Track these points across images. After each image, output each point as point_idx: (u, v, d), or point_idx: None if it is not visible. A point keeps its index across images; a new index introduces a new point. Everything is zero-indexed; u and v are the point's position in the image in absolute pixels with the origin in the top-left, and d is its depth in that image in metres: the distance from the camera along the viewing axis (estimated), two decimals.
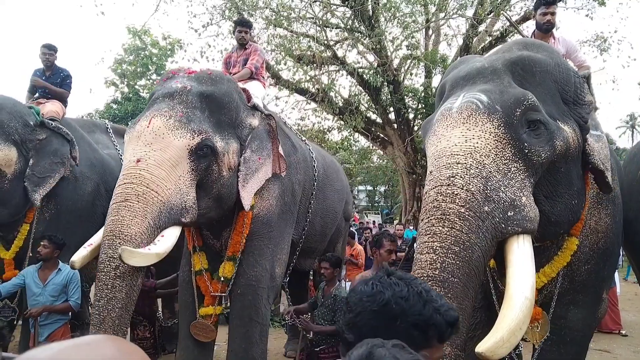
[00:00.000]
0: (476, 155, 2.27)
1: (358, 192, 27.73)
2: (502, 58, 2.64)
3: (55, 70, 5.40)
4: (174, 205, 3.22)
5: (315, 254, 5.31)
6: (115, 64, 20.91)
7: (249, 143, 3.76)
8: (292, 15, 11.81)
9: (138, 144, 3.28)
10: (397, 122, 13.30)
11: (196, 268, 3.97)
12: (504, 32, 11.65)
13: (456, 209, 2.16)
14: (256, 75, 4.74)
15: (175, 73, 3.82)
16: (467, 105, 2.41)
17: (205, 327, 3.86)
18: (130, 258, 2.91)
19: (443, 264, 2.08)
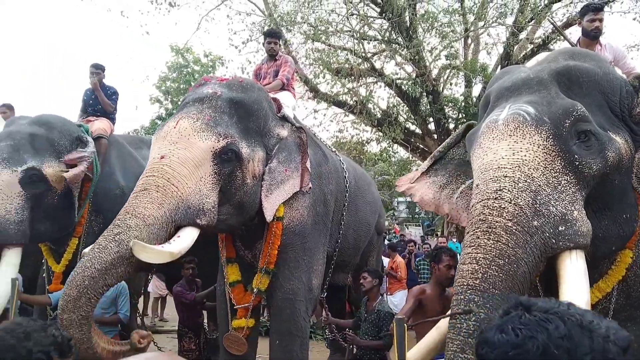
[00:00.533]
0: (524, 169, 2.22)
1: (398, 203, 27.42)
2: (547, 68, 2.58)
3: (102, 89, 5.63)
4: (192, 205, 3.19)
5: (349, 269, 5.25)
6: (159, 82, 21.62)
7: (275, 153, 3.74)
8: (329, 29, 11.92)
9: (164, 143, 3.32)
10: (437, 133, 13.13)
11: (229, 280, 3.96)
12: (546, 40, 11.37)
13: (503, 222, 2.12)
14: (287, 86, 4.76)
15: (208, 80, 3.88)
16: (514, 117, 2.36)
17: (237, 339, 3.84)
18: (142, 252, 2.85)
19: (485, 274, 2.04)
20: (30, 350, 1.21)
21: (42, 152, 4.31)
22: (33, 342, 1.23)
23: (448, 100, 12.92)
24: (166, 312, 8.73)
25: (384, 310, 4.07)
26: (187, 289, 4.97)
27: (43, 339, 1.24)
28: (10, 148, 4.20)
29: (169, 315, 8.53)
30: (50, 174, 4.28)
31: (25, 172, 4.14)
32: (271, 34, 5.14)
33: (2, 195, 4.05)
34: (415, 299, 3.59)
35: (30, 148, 4.27)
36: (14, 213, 4.07)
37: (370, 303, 4.20)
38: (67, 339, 1.30)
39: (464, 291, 2.06)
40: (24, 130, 4.39)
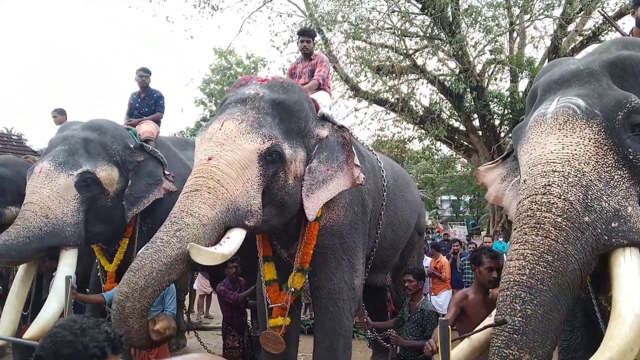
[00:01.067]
0: (574, 163, 2.15)
1: (441, 202, 27.02)
2: (599, 59, 2.47)
3: (149, 92, 5.82)
4: (240, 207, 3.21)
5: (387, 269, 5.19)
6: (203, 84, 22.15)
7: (316, 153, 3.72)
8: (370, 27, 11.86)
9: (210, 144, 3.34)
10: (481, 129, 12.86)
11: (266, 278, 3.98)
12: (597, 31, 10.91)
13: (552, 218, 2.05)
14: (323, 85, 4.72)
15: (248, 80, 3.89)
16: (563, 110, 2.28)
17: (275, 338, 3.83)
18: (198, 255, 2.89)
19: (532, 270, 1.99)
20: (86, 346, 1.27)
21: (96, 156, 4.47)
22: (89, 338, 1.28)
23: (493, 95, 12.61)
24: (211, 309, 8.91)
25: (427, 310, 4.01)
26: (230, 288, 5.06)
27: (98, 335, 1.29)
28: (65, 153, 4.38)
29: (213, 312, 8.71)
30: (103, 177, 4.44)
31: (80, 175, 4.30)
32: (304, 32, 5.10)
33: (60, 199, 4.22)
34: (457, 307, 3.53)
35: (84, 152, 4.44)
36: (70, 215, 4.24)
37: (414, 303, 4.14)
38: (118, 335, 1.35)
39: (510, 287, 2.02)
40: (78, 135, 4.56)
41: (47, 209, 4.15)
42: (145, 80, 5.79)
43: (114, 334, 1.33)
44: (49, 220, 4.13)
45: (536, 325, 1.92)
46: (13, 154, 11.54)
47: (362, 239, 4.21)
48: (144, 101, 5.79)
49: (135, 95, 5.85)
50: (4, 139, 14.05)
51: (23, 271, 4.45)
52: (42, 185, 4.22)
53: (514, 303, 1.97)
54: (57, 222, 4.16)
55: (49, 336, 1.28)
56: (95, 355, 1.27)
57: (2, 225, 4.95)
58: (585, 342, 2.70)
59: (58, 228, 4.16)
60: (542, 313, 1.93)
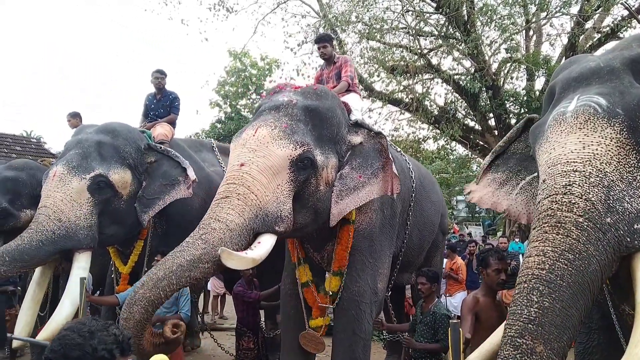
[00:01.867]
0: (596, 163, 2.10)
1: (457, 202, 26.78)
2: (620, 56, 2.40)
3: (165, 94, 5.85)
4: (270, 213, 3.25)
5: (412, 268, 5.19)
6: (218, 86, 22.26)
7: (348, 159, 3.74)
8: (384, 27, 11.81)
9: (243, 150, 3.39)
10: (497, 129, 12.71)
11: (302, 280, 4.02)
12: (615, 28, 10.71)
13: (573, 218, 2.01)
14: (352, 86, 4.71)
15: (282, 88, 3.93)
16: (584, 109, 2.22)
17: (315, 338, 3.89)
18: (228, 259, 2.93)
19: (552, 266, 1.95)
20: (95, 349, 1.28)
21: (109, 160, 4.51)
22: (97, 341, 1.29)
23: (509, 94, 12.47)
24: (225, 310, 8.95)
25: (440, 313, 3.97)
26: (247, 289, 5.08)
27: (106, 338, 1.30)
28: (79, 156, 4.43)
29: (228, 312, 8.75)
30: (116, 180, 4.48)
31: (93, 179, 4.35)
32: (319, 39, 5.09)
33: (73, 202, 4.28)
34: (472, 314, 3.50)
35: (97, 156, 4.48)
36: (84, 219, 4.30)
37: (426, 305, 4.11)
38: (127, 337, 1.35)
39: (528, 280, 1.97)
40: (92, 139, 4.61)
41: (60, 213, 4.20)
42: (161, 82, 5.82)
43: (122, 336, 1.34)
44: (62, 224, 4.18)
45: (553, 318, 1.88)
46: (32, 156, 11.76)
47: (390, 242, 4.25)
48: (160, 102, 5.82)
49: (151, 96, 5.89)
50: (23, 142, 14.30)
51: (39, 273, 4.52)
52: (55, 189, 4.27)
53: (530, 294, 1.93)
54: (70, 225, 4.21)
55: (57, 339, 1.30)
56: (103, 358, 1.27)
57: (19, 228, 5.05)
58: (602, 345, 2.65)
59: (71, 231, 4.21)
60: (560, 307, 1.89)
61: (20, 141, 14.10)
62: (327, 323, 3.94)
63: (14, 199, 5.19)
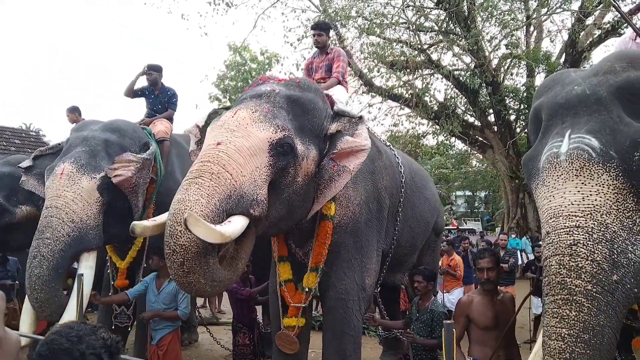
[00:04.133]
0: (597, 215, 2.11)
1: (456, 197, 26.82)
2: (605, 82, 2.35)
3: (162, 90, 5.80)
4: (245, 194, 3.10)
5: (405, 268, 5.14)
6: (218, 80, 22.18)
7: (327, 151, 3.63)
8: (384, 22, 11.77)
9: (220, 130, 3.27)
10: (497, 125, 12.73)
11: (281, 278, 3.94)
12: (616, 24, 10.68)
13: (583, 286, 2.04)
14: (341, 82, 4.64)
15: (265, 80, 3.89)
16: (577, 153, 2.21)
17: (289, 338, 3.82)
18: (195, 226, 2.73)
19: (572, 353, 2.00)
20: (83, 353, 1.27)
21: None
22: (85, 345, 1.28)
23: (509, 90, 12.46)
24: (223, 304, 8.97)
25: (437, 311, 3.98)
26: (241, 286, 5.09)
27: (94, 342, 1.30)
28: (87, 154, 4.38)
29: (225, 307, 8.76)
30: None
31: (103, 179, 4.31)
32: (315, 26, 5.00)
33: (84, 202, 4.23)
34: (463, 318, 3.55)
35: (105, 155, 4.45)
36: (93, 219, 4.27)
37: (423, 303, 4.11)
38: (115, 341, 1.35)
39: None
40: (99, 137, 4.57)
41: (73, 214, 4.16)
42: (155, 78, 5.74)
43: (110, 340, 1.33)
44: (75, 225, 4.14)
45: None
46: (31, 149, 11.75)
47: (378, 237, 4.16)
48: (157, 98, 5.79)
49: (148, 91, 5.83)
50: (22, 135, 14.28)
51: None
52: (65, 188, 4.21)
53: None
54: (82, 226, 4.17)
55: (45, 343, 1.29)
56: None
57: (14, 224, 5.05)
58: None
59: (83, 232, 4.18)
60: None
61: (19, 134, 14.08)
62: (301, 324, 3.85)
63: (10, 194, 5.18)
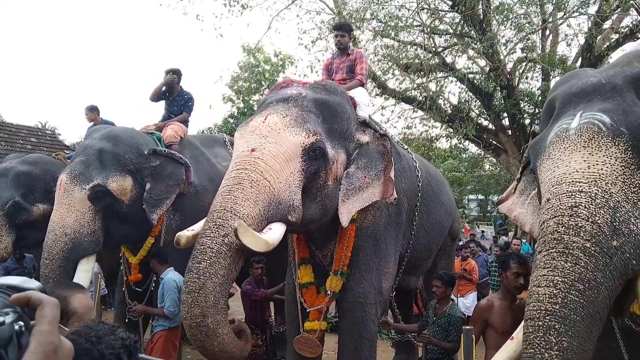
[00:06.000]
0: (601, 183, 2.07)
1: (469, 201, 26.64)
2: (621, 73, 2.36)
3: (179, 93, 5.91)
4: (283, 201, 3.13)
5: (420, 272, 5.13)
6: (231, 81, 22.30)
7: (355, 158, 3.66)
8: (399, 25, 11.74)
9: (252, 137, 3.26)
10: (511, 129, 12.61)
11: (302, 281, 3.94)
12: (634, 28, 10.55)
13: (581, 243, 1.98)
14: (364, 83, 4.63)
15: (289, 83, 3.87)
16: (588, 127, 2.19)
17: (310, 341, 3.81)
18: (245, 235, 2.79)
19: (565, 299, 1.92)
20: (103, 353, 1.27)
21: (109, 167, 4.64)
22: (105, 345, 1.28)
23: (524, 94, 12.35)
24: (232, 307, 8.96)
25: (455, 315, 3.97)
26: (255, 288, 5.12)
27: (113, 342, 1.30)
28: (81, 165, 4.59)
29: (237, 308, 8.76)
30: (114, 188, 4.60)
31: (92, 189, 4.48)
32: (338, 27, 4.97)
33: (76, 212, 4.45)
34: (481, 321, 3.50)
35: (98, 164, 4.62)
36: (87, 226, 4.47)
37: (440, 307, 4.10)
38: (134, 340, 1.36)
39: (542, 317, 1.94)
40: (95, 146, 4.75)
41: (65, 226, 4.39)
42: (173, 81, 5.85)
43: (129, 340, 1.34)
44: (68, 237, 4.37)
45: (572, 358, 1.87)
46: (47, 148, 11.90)
47: (395, 240, 4.17)
48: (174, 101, 5.90)
49: (167, 93, 5.93)
50: (39, 133, 14.45)
51: None
52: (60, 201, 4.48)
53: (548, 335, 1.89)
54: (75, 236, 4.39)
55: None
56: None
57: (31, 222, 5.16)
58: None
59: (77, 241, 4.39)
60: (577, 345, 1.87)
61: (36, 133, 14.25)
62: (323, 328, 3.86)
63: (27, 193, 5.35)
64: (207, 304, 2.77)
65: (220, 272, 2.84)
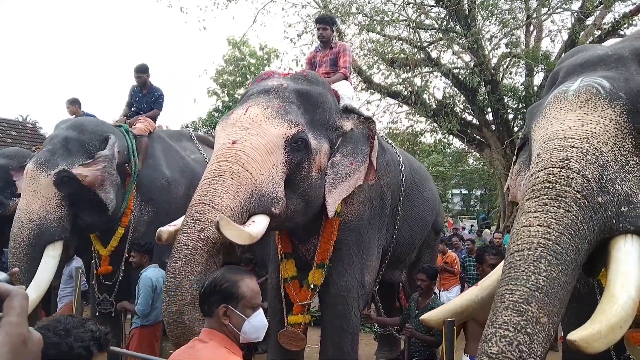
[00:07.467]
0: (593, 141, 2.11)
1: (452, 195, 26.83)
2: (629, 46, 2.43)
3: (150, 89, 5.98)
4: (265, 193, 3.11)
5: (403, 266, 5.15)
6: (216, 75, 22.11)
7: (339, 146, 3.64)
8: (385, 19, 11.74)
9: (234, 129, 3.24)
10: (495, 124, 12.73)
11: (285, 275, 3.92)
12: (616, 25, 10.70)
13: (573, 193, 2.00)
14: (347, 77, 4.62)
15: (270, 75, 3.85)
16: (586, 88, 2.24)
17: (295, 335, 3.80)
18: (226, 228, 2.74)
19: (559, 238, 1.92)
20: (71, 346, 1.26)
21: (74, 154, 4.68)
22: (73, 338, 1.27)
23: (507, 89, 12.46)
24: None
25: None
26: None
27: (82, 334, 1.28)
28: (48, 153, 4.64)
29: None
30: (79, 174, 4.58)
31: (57, 174, 4.50)
32: (321, 19, 4.96)
33: (42, 198, 4.48)
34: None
35: (64, 151, 4.66)
36: (52, 212, 4.49)
37: (423, 300, 4.13)
38: (104, 332, 1.34)
39: (533, 248, 1.91)
40: (61, 135, 4.82)
41: (31, 213, 4.43)
42: (142, 79, 5.89)
43: (99, 332, 1.32)
44: (34, 224, 4.39)
45: (558, 290, 1.86)
46: (27, 141, 11.71)
47: (379, 234, 4.18)
48: (144, 97, 5.96)
49: (137, 89, 5.99)
50: (19, 127, 14.19)
51: None
52: (27, 189, 4.53)
53: (538, 262, 1.87)
54: (41, 222, 4.41)
55: None
56: (80, 356, 1.26)
57: (7, 216, 5.16)
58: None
59: (43, 227, 4.41)
60: (564, 281, 1.87)
61: (16, 126, 14.00)
62: (307, 321, 3.85)
63: (4, 187, 5.41)
64: (184, 302, 2.77)
65: (197, 269, 2.82)
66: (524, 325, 1.76)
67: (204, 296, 1.84)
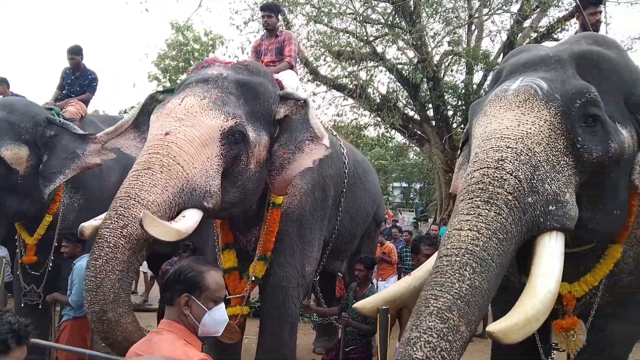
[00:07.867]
0: (527, 142, 2.18)
1: (393, 188, 27.47)
2: (569, 49, 2.52)
3: (84, 72, 5.74)
4: (198, 186, 3.01)
5: (343, 256, 5.20)
6: (158, 59, 21.40)
7: (277, 136, 3.57)
8: (332, 11, 11.76)
9: (168, 120, 3.11)
10: (435, 119, 13.09)
11: (225, 266, 3.84)
12: (551, 29, 11.27)
13: (504, 195, 2.07)
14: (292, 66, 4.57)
15: (211, 62, 3.72)
16: (525, 89, 2.32)
17: (229, 327, 3.68)
18: (151, 225, 2.63)
19: (486, 244, 1.97)
20: None
21: (3, 136, 4.36)
22: None
23: (448, 87, 12.84)
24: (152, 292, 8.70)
25: None
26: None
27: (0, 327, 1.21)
28: None
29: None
30: (8, 156, 4.33)
31: None
32: (265, 7, 4.85)
33: None
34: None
35: None
36: None
37: (360, 290, 4.19)
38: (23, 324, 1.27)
39: (460, 254, 1.96)
40: None
41: None
42: (75, 60, 5.67)
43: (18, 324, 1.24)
44: None
45: (479, 299, 1.91)
46: None
47: (321, 225, 4.17)
48: (77, 80, 5.72)
49: (69, 71, 5.75)
50: None
51: None
52: None
53: (463, 269, 1.93)
54: None
55: None
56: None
57: None
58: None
59: None
60: (485, 289, 1.93)
61: None
62: (245, 313, 3.81)
63: None
64: (106, 301, 2.67)
65: (118, 267, 2.70)
66: (446, 333, 1.83)
67: (167, 283, 1.81)
